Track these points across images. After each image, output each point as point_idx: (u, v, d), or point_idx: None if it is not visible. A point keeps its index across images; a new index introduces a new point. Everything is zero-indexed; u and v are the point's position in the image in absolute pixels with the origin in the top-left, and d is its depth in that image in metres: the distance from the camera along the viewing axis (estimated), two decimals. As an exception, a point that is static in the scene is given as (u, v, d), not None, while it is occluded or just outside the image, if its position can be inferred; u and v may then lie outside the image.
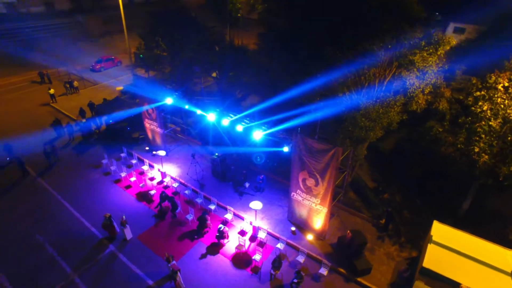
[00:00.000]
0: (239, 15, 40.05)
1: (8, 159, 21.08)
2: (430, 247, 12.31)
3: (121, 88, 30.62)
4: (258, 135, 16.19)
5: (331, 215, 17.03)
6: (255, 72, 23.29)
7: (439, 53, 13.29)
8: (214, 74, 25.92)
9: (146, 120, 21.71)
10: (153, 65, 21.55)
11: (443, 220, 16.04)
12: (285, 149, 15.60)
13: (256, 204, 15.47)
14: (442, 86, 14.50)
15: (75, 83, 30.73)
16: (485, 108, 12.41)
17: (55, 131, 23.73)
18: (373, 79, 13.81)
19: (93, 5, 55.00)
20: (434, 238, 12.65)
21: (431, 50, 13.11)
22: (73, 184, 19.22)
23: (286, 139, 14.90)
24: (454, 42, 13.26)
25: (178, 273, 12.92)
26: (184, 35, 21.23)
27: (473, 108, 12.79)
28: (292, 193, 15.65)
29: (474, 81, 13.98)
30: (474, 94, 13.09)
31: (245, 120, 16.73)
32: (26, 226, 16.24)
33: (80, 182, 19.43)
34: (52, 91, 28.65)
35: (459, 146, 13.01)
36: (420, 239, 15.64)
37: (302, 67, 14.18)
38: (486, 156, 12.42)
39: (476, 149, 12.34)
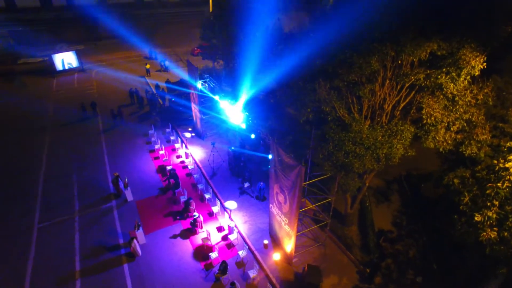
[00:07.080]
0: None
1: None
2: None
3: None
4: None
5: (315, 242, 15.20)
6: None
7: (462, 78, 9.68)
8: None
9: (192, 103, 23.57)
10: (208, 54, 23.00)
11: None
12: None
13: (231, 204, 15.16)
14: (480, 125, 10.63)
15: (167, 62, 35.56)
16: (508, 165, 8.65)
17: (131, 99, 28.26)
18: (371, 97, 11.29)
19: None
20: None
21: (453, 74, 9.67)
22: (120, 145, 22.78)
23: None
24: (481, 65, 9.33)
25: (134, 240, 14.11)
26: (242, 29, 21.82)
27: (495, 161, 9.08)
28: (270, 205, 14.62)
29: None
30: (508, 144, 9.28)
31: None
32: (70, 168, 20.36)
33: (126, 144, 22.86)
34: (148, 66, 34.06)
35: (461, 207, 9.50)
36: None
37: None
38: (494, 233, 8.72)
39: (478, 218, 8.78)
